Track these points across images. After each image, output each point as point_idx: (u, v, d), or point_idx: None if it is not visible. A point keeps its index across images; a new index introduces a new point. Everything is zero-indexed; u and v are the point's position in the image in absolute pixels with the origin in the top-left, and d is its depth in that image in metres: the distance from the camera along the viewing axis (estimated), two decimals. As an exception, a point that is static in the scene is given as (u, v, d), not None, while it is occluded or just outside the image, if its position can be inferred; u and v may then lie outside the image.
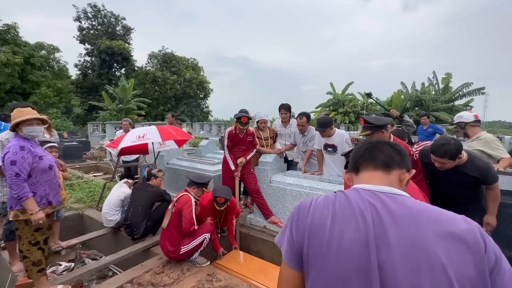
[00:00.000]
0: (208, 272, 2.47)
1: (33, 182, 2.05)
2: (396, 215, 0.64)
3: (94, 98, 22.85)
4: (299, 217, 0.72)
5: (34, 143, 2.16)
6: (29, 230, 2.05)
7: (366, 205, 0.67)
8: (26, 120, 2.05)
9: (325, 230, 0.66)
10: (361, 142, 0.87)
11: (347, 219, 0.66)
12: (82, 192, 4.65)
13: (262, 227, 3.41)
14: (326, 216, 0.68)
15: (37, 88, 19.44)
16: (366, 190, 0.72)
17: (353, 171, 0.84)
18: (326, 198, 0.73)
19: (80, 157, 8.60)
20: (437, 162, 1.93)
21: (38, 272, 2.07)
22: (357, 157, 0.83)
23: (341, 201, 0.70)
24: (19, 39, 19.51)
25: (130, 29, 28.20)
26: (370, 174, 0.78)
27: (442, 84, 18.92)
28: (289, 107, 3.97)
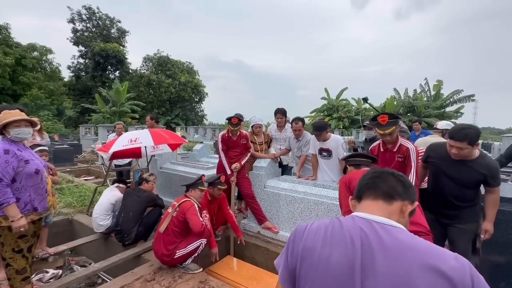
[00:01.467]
0: (201, 279, 2.41)
1: (17, 187, 1.98)
2: (386, 245, 0.65)
3: (87, 100, 22.55)
4: (295, 240, 0.76)
5: (22, 146, 2.10)
6: (12, 237, 1.97)
7: (357, 232, 0.69)
8: (14, 122, 1.99)
9: (315, 253, 0.69)
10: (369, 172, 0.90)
11: (336, 243, 0.69)
12: (72, 197, 4.53)
13: (256, 233, 3.37)
14: (317, 240, 0.71)
15: (28, 90, 19.08)
16: (361, 218, 0.74)
17: (356, 199, 0.86)
18: (321, 223, 0.76)
19: (71, 160, 8.43)
20: (454, 148, 1.88)
21: (22, 280, 1.99)
22: (361, 185, 0.85)
23: (334, 226, 0.73)
24: (10, 40, 19.19)
25: (125, 31, 28.07)
26: (371, 204, 0.80)
27: (433, 91, 19.29)
28: (285, 111, 3.97)
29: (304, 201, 3.03)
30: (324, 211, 2.89)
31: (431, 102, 19.05)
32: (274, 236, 3.24)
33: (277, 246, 3.12)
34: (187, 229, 2.56)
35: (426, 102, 19.04)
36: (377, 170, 0.87)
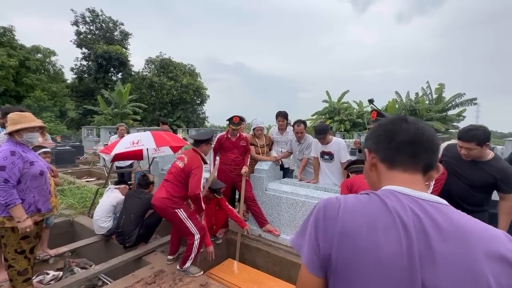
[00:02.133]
0: (201, 283, 2.41)
1: (22, 188, 1.99)
2: (443, 229, 0.55)
3: (89, 102, 22.68)
4: (326, 221, 0.60)
5: (27, 148, 2.12)
6: (15, 238, 1.98)
7: (408, 214, 0.57)
8: (29, 128, 2.04)
9: (359, 240, 0.56)
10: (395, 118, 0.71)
11: (386, 228, 0.56)
12: (74, 198, 4.54)
13: (257, 236, 3.37)
14: (360, 223, 0.57)
15: (32, 91, 19.19)
16: (406, 196, 0.61)
17: (385, 161, 0.68)
18: (358, 201, 0.62)
19: (73, 161, 8.46)
20: (464, 149, 1.87)
21: (24, 282, 2.00)
22: (397, 147, 0.66)
23: (377, 207, 0.59)
24: (15, 42, 19.36)
25: (128, 34, 28.26)
26: (409, 177, 0.65)
27: (435, 94, 19.29)
28: (286, 114, 3.98)
29: (306, 204, 3.03)
30: None
31: (433, 105, 19.04)
32: (275, 239, 3.23)
33: (278, 249, 3.11)
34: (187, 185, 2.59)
35: (428, 106, 19.03)
36: (418, 127, 0.66)
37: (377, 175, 0.71)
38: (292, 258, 2.95)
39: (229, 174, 3.42)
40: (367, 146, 0.73)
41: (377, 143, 0.70)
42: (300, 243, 0.64)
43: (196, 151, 2.75)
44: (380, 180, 0.70)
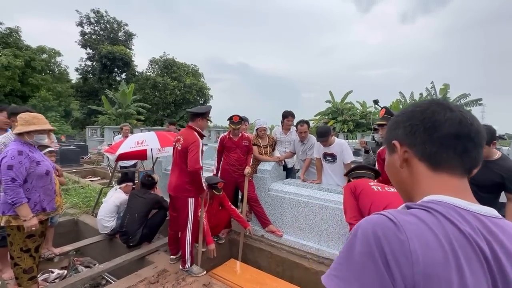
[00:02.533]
0: (204, 282, 2.41)
1: (28, 187, 2.02)
2: (509, 251, 0.46)
3: (93, 102, 22.87)
4: (395, 257, 0.43)
5: (33, 148, 2.14)
6: (20, 237, 2.00)
7: (482, 241, 0.46)
8: (42, 130, 2.09)
9: (449, 283, 0.42)
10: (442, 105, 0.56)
11: (470, 264, 0.44)
12: (78, 197, 4.58)
13: (260, 236, 3.37)
14: (445, 263, 0.43)
15: (37, 91, 19.41)
16: (468, 212, 0.49)
17: (425, 159, 0.55)
18: (423, 224, 0.46)
19: (77, 161, 8.54)
20: None
21: (29, 280, 2.02)
22: (442, 140, 0.53)
23: (453, 234, 0.45)
24: (21, 43, 19.59)
25: (132, 35, 28.46)
26: (458, 182, 0.53)
27: (440, 95, 19.12)
28: (294, 114, 4.02)
29: (309, 205, 3.02)
30: (329, 215, 2.87)
31: (437, 106, 18.88)
32: (278, 239, 3.23)
33: (281, 250, 3.11)
34: None
35: (432, 106, 18.88)
36: (460, 116, 0.53)
37: (411, 175, 0.57)
38: (294, 258, 2.94)
39: (232, 174, 3.42)
40: (396, 137, 0.59)
41: (412, 134, 0.56)
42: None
43: (191, 127, 2.65)
44: (416, 182, 0.56)
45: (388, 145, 0.63)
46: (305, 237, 3.06)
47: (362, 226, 0.48)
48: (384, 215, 0.48)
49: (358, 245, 0.46)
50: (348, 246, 0.48)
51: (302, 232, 3.09)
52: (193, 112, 2.69)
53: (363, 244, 0.46)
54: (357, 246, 0.46)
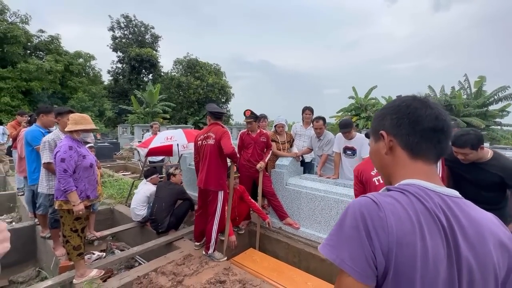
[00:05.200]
0: (225, 267, 2.63)
1: (76, 177, 2.36)
2: (465, 228, 0.57)
3: (124, 102, 24.38)
4: (377, 231, 0.55)
5: (80, 144, 2.49)
6: (70, 219, 2.35)
7: (442, 215, 0.57)
8: (87, 129, 2.44)
9: (415, 249, 0.54)
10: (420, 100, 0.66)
11: (432, 235, 0.55)
12: (113, 189, 5.06)
13: (278, 228, 3.52)
14: (412, 232, 0.55)
15: (75, 93, 21.14)
16: (434, 193, 0.60)
17: (407, 149, 0.65)
18: (398, 204, 0.57)
19: (111, 157, 9.27)
20: (460, 155, 1.93)
21: (78, 255, 2.37)
22: (423, 132, 0.64)
23: (420, 210, 0.57)
24: (60, 49, 21.41)
25: (158, 37, 29.79)
26: (429, 168, 0.65)
27: (474, 88, 17.77)
28: (313, 109, 4.28)
29: (325, 199, 3.12)
30: (344, 209, 2.94)
31: (471, 100, 17.57)
32: (294, 232, 3.37)
33: (298, 241, 3.25)
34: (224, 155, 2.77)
35: (466, 100, 17.60)
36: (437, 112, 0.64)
37: (393, 161, 0.68)
38: (310, 250, 3.07)
39: (249, 170, 3.61)
40: (383, 127, 0.69)
41: (398, 126, 0.66)
42: (341, 254, 0.56)
43: (218, 124, 2.89)
44: (397, 167, 0.67)
45: (375, 134, 0.73)
46: (321, 230, 3.17)
47: (351, 206, 0.60)
48: (369, 198, 0.60)
49: (347, 221, 0.58)
50: (340, 221, 0.60)
51: (318, 225, 3.20)
52: (218, 112, 2.94)
53: (351, 220, 0.58)
54: (347, 221, 0.58)
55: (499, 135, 16.96)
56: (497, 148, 9.26)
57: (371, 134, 0.75)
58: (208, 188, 2.81)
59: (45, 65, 18.24)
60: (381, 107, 0.75)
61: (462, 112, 16.98)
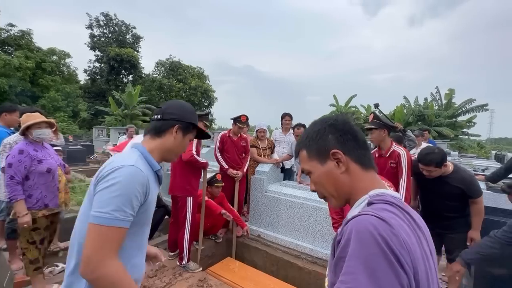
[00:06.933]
0: (200, 278, 2.51)
1: (30, 184, 2.15)
2: (419, 225, 0.60)
3: (100, 103, 23.31)
4: (400, 252, 0.49)
5: (39, 147, 2.28)
6: (27, 229, 2.13)
7: (411, 218, 0.59)
8: (36, 124, 2.18)
9: (421, 259, 0.53)
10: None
11: (415, 234, 0.57)
12: (83, 195, 4.73)
13: (256, 236, 3.46)
14: (416, 242, 0.54)
15: (47, 92, 19.92)
16: (396, 199, 0.61)
17: (358, 162, 0.66)
18: (398, 218, 0.55)
19: (83, 160, 8.75)
20: (425, 171, 2.05)
21: (35, 270, 2.15)
22: (363, 145, 0.68)
23: (406, 217, 0.58)
24: (32, 45, 20.18)
25: (139, 37, 28.98)
26: (377, 176, 0.69)
27: (445, 100, 18.98)
28: (292, 115, 4.29)
29: (304, 206, 3.10)
30: (323, 216, 2.95)
31: (442, 111, 18.72)
32: (273, 239, 3.31)
33: (276, 250, 3.20)
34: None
35: (437, 111, 18.73)
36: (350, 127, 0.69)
37: (350, 178, 0.66)
38: (289, 258, 3.02)
39: (229, 175, 3.53)
40: (332, 146, 0.66)
41: (345, 142, 0.67)
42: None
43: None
44: (355, 182, 0.65)
45: (319, 155, 0.68)
46: (300, 238, 3.14)
47: (364, 229, 0.50)
48: (374, 216, 0.52)
49: (367, 249, 0.48)
50: (356, 253, 0.49)
51: (297, 232, 3.17)
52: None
53: (373, 247, 0.48)
54: (366, 249, 0.48)
55: (467, 144, 18.17)
56: (464, 157, 9.85)
57: (310, 157, 0.69)
58: (174, 194, 2.78)
59: (14, 61, 17.09)
60: (307, 129, 0.74)
61: (434, 122, 18.01)
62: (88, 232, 0.79)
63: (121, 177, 0.81)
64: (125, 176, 0.82)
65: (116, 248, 0.81)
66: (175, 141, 1.02)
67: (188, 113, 1.05)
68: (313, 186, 0.72)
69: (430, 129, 15.61)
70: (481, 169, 5.63)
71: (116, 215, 0.79)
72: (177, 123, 1.02)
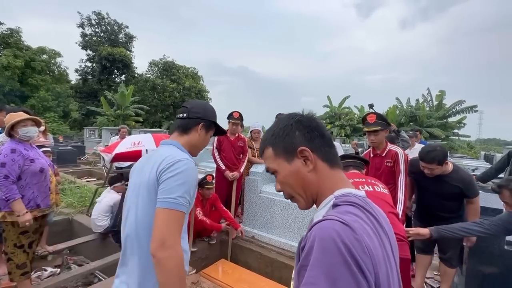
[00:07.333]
0: (193, 281, 2.48)
1: (22, 184, 2.09)
2: (382, 225, 0.60)
3: (92, 103, 22.93)
4: (362, 259, 0.48)
5: (29, 146, 2.22)
6: (15, 233, 2.07)
7: (374, 219, 0.59)
8: (21, 122, 2.11)
9: (383, 261, 0.53)
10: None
11: (375, 232, 0.56)
12: (73, 197, 4.64)
13: (251, 237, 3.43)
14: (378, 245, 0.54)
15: (36, 92, 19.51)
16: (360, 197, 0.61)
17: (326, 160, 0.64)
18: (362, 221, 0.54)
19: (74, 161, 8.57)
20: (426, 169, 2.04)
21: (22, 275, 2.08)
22: (329, 142, 0.67)
23: (369, 218, 0.57)
24: (21, 43, 19.75)
25: (132, 37, 28.66)
26: (343, 174, 0.67)
27: (436, 101, 19.34)
28: None
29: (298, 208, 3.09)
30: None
31: (433, 112, 19.07)
32: (268, 241, 3.30)
33: (271, 251, 3.18)
34: None
35: (428, 112, 19.06)
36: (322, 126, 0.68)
37: (317, 176, 0.63)
38: (283, 259, 3.01)
39: (225, 176, 3.50)
40: (299, 143, 0.64)
41: (312, 140, 0.64)
42: None
43: None
44: (322, 181, 0.63)
45: (286, 153, 0.65)
46: (294, 239, 3.13)
47: (328, 237, 0.48)
48: (338, 221, 0.50)
49: (329, 258, 0.47)
50: (317, 261, 0.47)
51: (292, 233, 3.16)
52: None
53: (335, 256, 0.46)
54: (328, 258, 0.47)
55: (457, 145, 18.52)
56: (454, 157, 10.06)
57: (276, 155, 0.66)
58: None
59: (2, 60, 16.72)
60: (273, 126, 0.70)
61: (425, 123, 18.32)
62: (158, 216, 0.87)
63: (182, 168, 0.93)
64: (186, 168, 0.94)
65: (181, 231, 0.91)
66: (199, 138, 1.13)
67: (210, 112, 1.17)
68: (278, 186, 0.70)
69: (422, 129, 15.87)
70: (471, 169, 5.75)
71: (181, 200, 0.90)
72: (202, 121, 1.12)
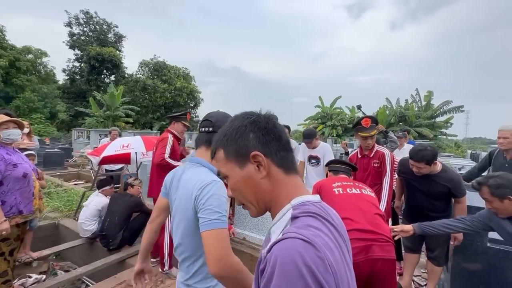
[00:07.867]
0: (183, 285, 2.45)
1: (4, 190, 2.01)
2: (338, 229, 0.60)
3: (81, 104, 22.43)
4: (326, 280, 0.45)
5: (11, 150, 2.14)
6: (-5, 240, 2.00)
7: (332, 226, 0.56)
8: (1, 124, 2.04)
9: (344, 274, 0.50)
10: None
11: (335, 242, 0.53)
12: (60, 201, 4.51)
13: (242, 239, 3.42)
14: (340, 258, 0.50)
15: (21, 92, 18.93)
16: (318, 204, 0.58)
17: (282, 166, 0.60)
18: (323, 234, 0.50)
19: (61, 164, 8.35)
20: (415, 167, 2.08)
21: (3, 283, 2.01)
22: (286, 146, 0.62)
23: (329, 227, 0.53)
24: (5, 42, 19.14)
25: (122, 36, 28.21)
26: (300, 180, 0.63)
27: (424, 101, 19.80)
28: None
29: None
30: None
31: (422, 112, 19.51)
32: (259, 242, 3.29)
33: (262, 252, 3.18)
34: None
35: (417, 112, 19.49)
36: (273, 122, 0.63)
37: (271, 183, 0.59)
38: (274, 260, 3.01)
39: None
40: (252, 148, 0.58)
41: (267, 144, 0.59)
42: None
43: (168, 130, 2.82)
44: (277, 188, 0.59)
45: (238, 157, 0.59)
46: (285, 240, 3.14)
47: (291, 260, 0.44)
48: (300, 239, 0.46)
49: (291, 285, 0.43)
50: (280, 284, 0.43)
51: (282, 234, 3.17)
52: (168, 116, 2.89)
53: (298, 283, 0.42)
54: (290, 286, 0.43)
55: (445, 144, 19.00)
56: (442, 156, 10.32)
57: (227, 159, 0.61)
58: (152, 196, 2.75)
59: (-15, 60, 16.14)
60: (226, 126, 0.65)
61: (414, 123, 18.73)
62: (207, 239, 0.92)
63: (214, 190, 1.00)
64: (217, 189, 1.01)
65: (229, 245, 0.96)
66: None
67: None
68: (229, 192, 0.64)
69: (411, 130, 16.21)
70: (458, 168, 5.89)
71: (223, 219, 0.96)
72: None
